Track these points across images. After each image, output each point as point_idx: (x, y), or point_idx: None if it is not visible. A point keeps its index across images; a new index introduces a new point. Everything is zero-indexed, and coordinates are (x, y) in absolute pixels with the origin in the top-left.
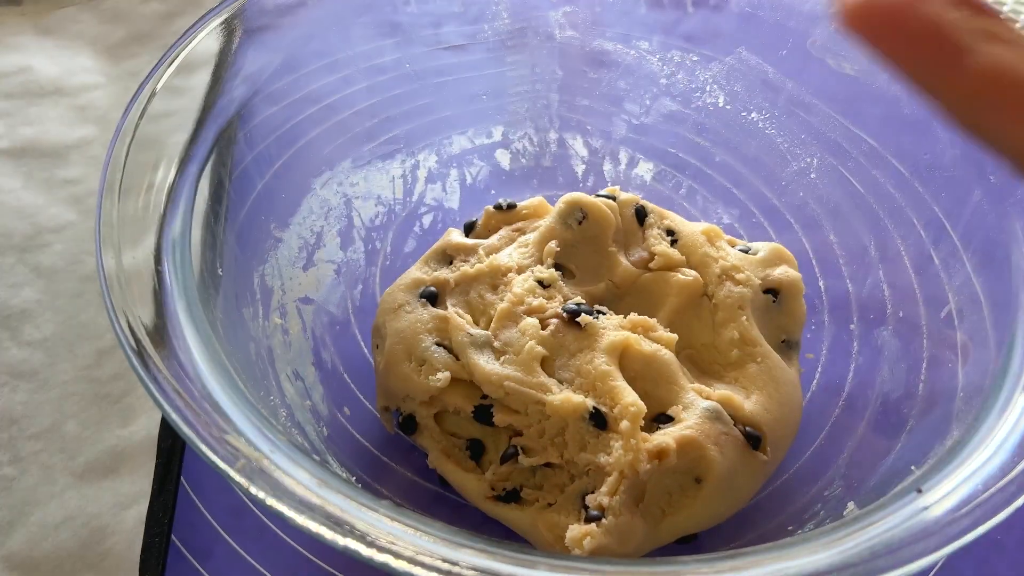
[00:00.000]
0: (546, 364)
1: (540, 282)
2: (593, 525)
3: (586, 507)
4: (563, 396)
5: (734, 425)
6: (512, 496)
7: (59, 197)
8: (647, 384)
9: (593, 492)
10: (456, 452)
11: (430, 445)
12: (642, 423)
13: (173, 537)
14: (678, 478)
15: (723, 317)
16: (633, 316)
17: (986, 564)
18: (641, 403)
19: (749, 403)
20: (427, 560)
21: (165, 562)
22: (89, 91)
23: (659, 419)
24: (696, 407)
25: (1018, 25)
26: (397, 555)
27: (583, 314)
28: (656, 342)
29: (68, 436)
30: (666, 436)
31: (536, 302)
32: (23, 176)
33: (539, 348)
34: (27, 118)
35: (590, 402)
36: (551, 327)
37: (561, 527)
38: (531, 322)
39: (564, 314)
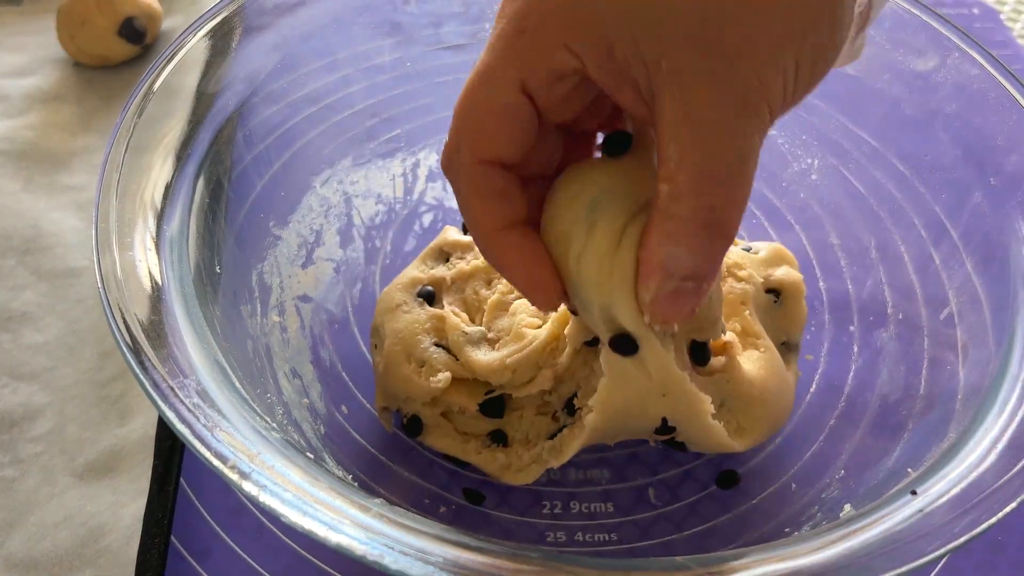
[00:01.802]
0: None
1: None
2: None
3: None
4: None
5: None
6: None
7: (61, 202)
8: None
9: None
10: (484, 445)
11: (450, 447)
12: None
13: (172, 537)
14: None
15: (725, 312)
16: None
17: (987, 565)
18: None
19: (746, 366)
20: (419, 558)
21: (164, 563)
22: (91, 97)
23: None
24: None
25: (1019, 25)
26: (389, 553)
27: None
28: None
29: (69, 438)
30: None
31: None
32: (23, 179)
33: (530, 319)
34: (28, 122)
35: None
36: None
37: None
38: (520, 302)
39: None
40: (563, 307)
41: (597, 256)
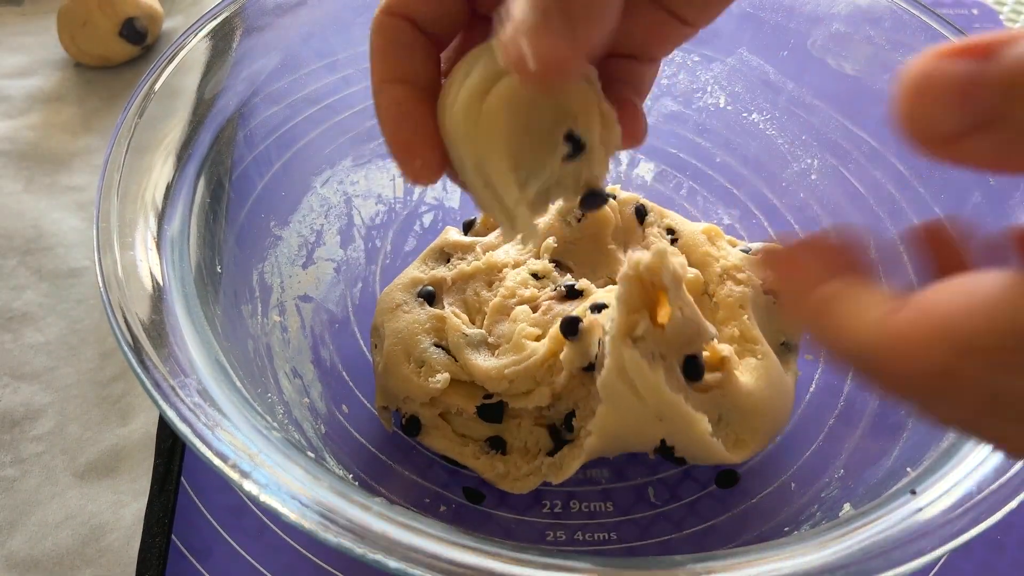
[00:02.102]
0: (538, 340)
1: (534, 274)
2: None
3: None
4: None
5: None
6: (559, 444)
7: (62, 203)
8: None
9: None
10: (483, 451)
11: (448, 448)
12: None
13: (173, 537)
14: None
15: (724, 316)
16: None
17: (986, 564)
18: None
19: (742, 379)
20: (420, 558)
21: (165, 562)
22: (92, 98)
23: None
24: None
25: (1018, 25)
26: (389, 552)
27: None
28: None
29: (70, 438)
30: None
31: (528, 292)
32: (25, 180)
33: (530, 329)
34: (29, 122)
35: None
36: (543, 307)
37: None
38: (522, 309)
39: (562, 288)
40: (556, 329)
41: (467, 101)
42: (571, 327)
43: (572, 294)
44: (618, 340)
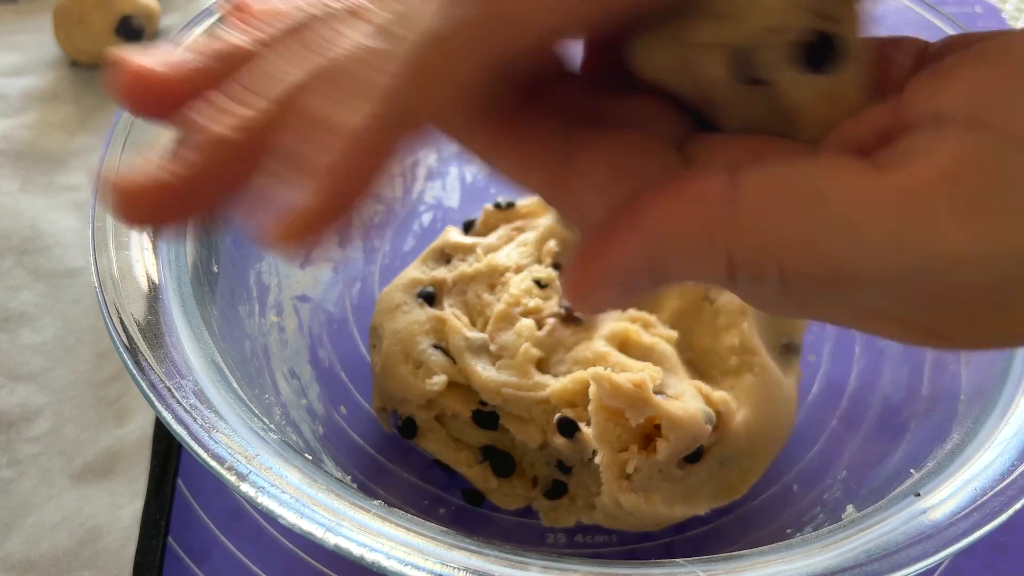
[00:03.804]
0: (541, 364)
1: (538, 282)
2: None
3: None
4: (561, 383)
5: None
6: (559, 489)
7: (59, 202)
8: None
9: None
10: (477, 460)
11: (441, 452)
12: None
13: (170, 539)
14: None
15: (724, 322)
16: (632, 311)
17: (990, 566)
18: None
19: (738, 417)
20: (418, 560)
21: (162, 565)
22: (89, 96)
23: None
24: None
25: (1020, 23)
26: (387, 555)
27: None
28: (655, 336)
29: (66, 439)
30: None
31: (533, 303)
32: (21, 179)
33: (534, 351)
34: (25, 121)
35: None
36: (547, 327)
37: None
38: (526, 323)
39: (562, 310)
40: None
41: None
42: (568, 429)
43: (574, 320)
44: (612, 485)
